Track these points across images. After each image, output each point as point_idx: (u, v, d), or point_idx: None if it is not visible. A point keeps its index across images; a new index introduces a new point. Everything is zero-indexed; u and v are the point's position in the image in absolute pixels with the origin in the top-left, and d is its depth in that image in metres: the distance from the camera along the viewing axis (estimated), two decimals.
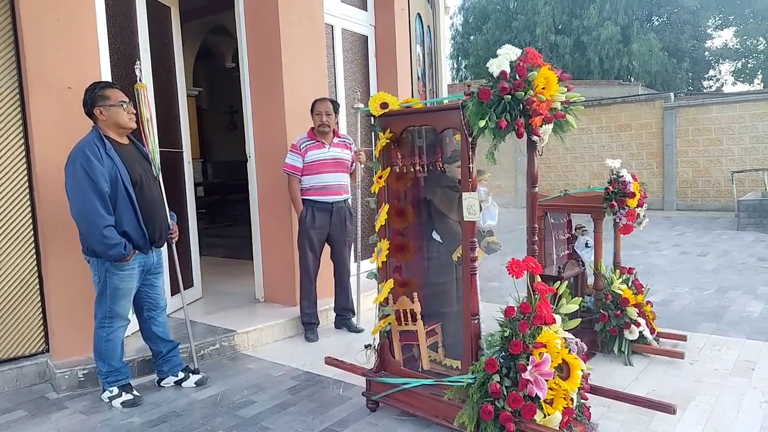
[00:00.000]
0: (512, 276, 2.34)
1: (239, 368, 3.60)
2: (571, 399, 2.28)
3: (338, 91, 5.11)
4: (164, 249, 3.41)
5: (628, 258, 5.94)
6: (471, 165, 2.38)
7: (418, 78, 6.30)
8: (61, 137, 3.17)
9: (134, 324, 3.40)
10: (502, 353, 2.32)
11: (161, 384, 3.31)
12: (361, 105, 4.11)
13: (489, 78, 2.28)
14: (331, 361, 3.17)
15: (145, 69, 3.93)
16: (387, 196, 2.83)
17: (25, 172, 3.41)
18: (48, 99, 3.27)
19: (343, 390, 3.16)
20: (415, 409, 2.67)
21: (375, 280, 2.91)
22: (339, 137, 4.17)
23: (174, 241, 3.34)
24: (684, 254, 6.92)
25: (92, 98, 2.93)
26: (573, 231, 3.84)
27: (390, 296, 2.81)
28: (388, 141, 2.75)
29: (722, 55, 23.85)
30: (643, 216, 3.56)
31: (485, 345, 2.42)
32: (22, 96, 3.33)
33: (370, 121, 2.83)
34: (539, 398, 2.21)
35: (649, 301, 3.61)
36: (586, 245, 3.73)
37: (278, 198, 4.41)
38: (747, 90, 20.93)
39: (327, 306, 4.38)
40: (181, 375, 3.32)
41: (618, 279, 3.55)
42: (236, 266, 6.19)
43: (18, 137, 3.37)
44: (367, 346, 3.02)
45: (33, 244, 3.45)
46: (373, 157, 2.85)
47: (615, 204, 3.41)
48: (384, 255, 2.80)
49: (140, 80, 3.26)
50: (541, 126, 2.26)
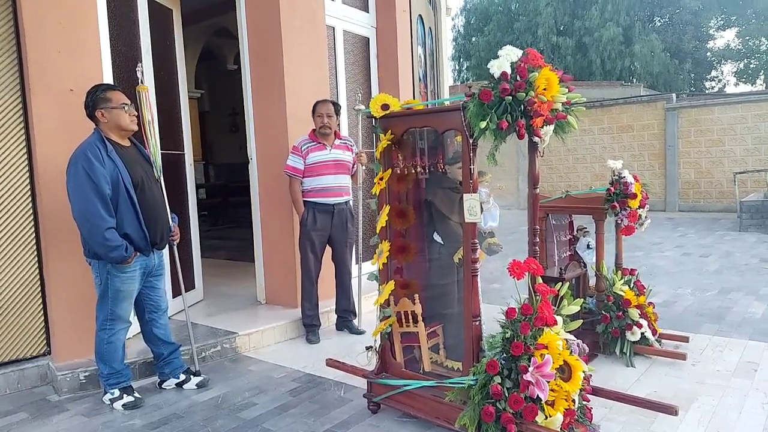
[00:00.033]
0: (513, 277, 2.33)
1: (240, 370, 3.60)
2: (573, 400, 2.28)
3: (339, 93, 5.11)
4: (166, 251, 3.41)
5: (630, 259, 5.93)
6: (472, 166, 2.38)
7: (420, 79, 6.30)
8: (63, 139, 3.19)
9: (135, 326, 3.40)
10: (504, 355, 2.32)
11: (162, 386, 3.31)
12: (362, 106, 4.11)
13: (490, 79, 2.29)
14: (333, 363, 3.17)
15: (147, 71, 3.93)
16: (388, 198, 2.83)
17: (27, 174, 3.41)
18: (50, 101, 3.28)
19: (345, 392, 3.16)
20: (417, 411, 2.66)
21: (376, 282, 2.91)
22: (340, 139, 4.17)
23: (175, 243, 3.34)
24: (686, 255, 6.91)
25: (94, 100, 2.94)
26: (575, 232, 3.83)
27: (391, 298, 2.81)
28: (389, 142, 2.75)
29: (724, 56, 23.80)
30: (645, 217, 3.56)
31: (486, 346, 2.42)
32: (24, 98, 3.34)
33: (372, 123, 2.83)
34: (541, 400, 2.21)
35: (651, 303, 3.60)
36: (588, 246, 3.72)
37: (279, 200, 4.41)
38: (749, 90, 20.90)
39: (328, 308, 4.38)
40: (183, 377, 3.32)
41: (620, 280, 3.54)
42: (238, 268, 6.20)
43: (20, 139, 3.38)
44: (369, 348, 3.02)
45: (35, 246, 3.45)
46: (374, 159, 2.85)
47: (617, 205, 3.40)
48: (385, 256, 2.80)
49: (142, 82, 3.27)
50: (542, 127, 2.26)
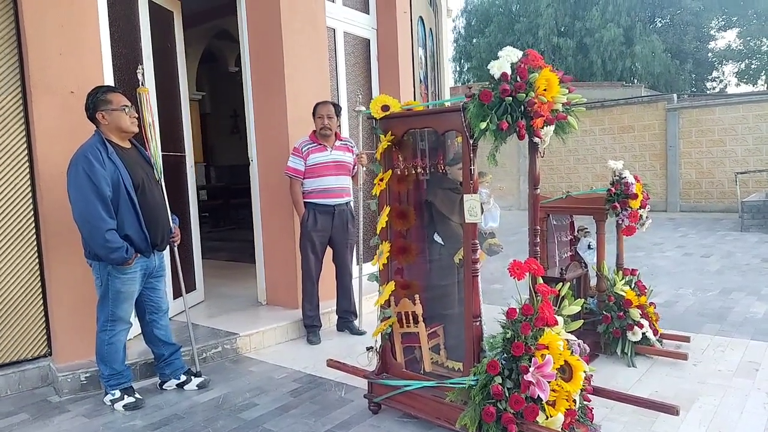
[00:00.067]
0: (514, 278, 2.33)
1: (241, 371, 3.60)
2: (574, 400, 2.27)
3: (340, 94, 5.11)
4: (166, 252, 3.42)
5: (632, 259, 5.93)
6: (472, 167, 2.38)
7: (420, 81, 6.30)
8: (64, 141, 3.19)
9: (136, 327, 3.41)
10: (504, 355, 2.32)
11: (163, 387, 3.32)
12: (363, 108, 4.11)
13: (490, 80, 2.29)
14: (333, 364, 3.17)
15: (148, 73, 3.94)
16: (388, 199, 2.83)
17: (28, 176, 3.42)
18: (50, 102, 3.28)
19: (345, 392, 3.16)
20: (417, 411, 2.66)
21: (376, 283, 2.91)
22: (341, 140, 4.17)
23: (176, 245, 3.35)
24: (687, 255, 6.90)
25: (94, 102, 2.94)
26: (575, 233, 3.83)
27: (391, 298, 2.81)
28: (390, 143, 2.75)
29: (725, 56, 23.80)
30: (646, 217, 3.56)
31: (487, 347, 2.42)
32: (25, 99, 3.35)
33: (372, 124, 2.83)
34: (541, 400, 2.21)
35: (652, 303, 3.60)
36: (589, 247, 3.71)
37: (280, 201, 4.41)
38: (750, 91, 20.90)
39: (329, 309, 4.38)
40: (183, 378, 3.32)
41: (621, 280, 3.54)
42: (239, 269, 6.20)
43: (20, 141, 3.39)
44: (369, 349, 3.01)
45: (35, 248, 3.46)
46: (375, 160, 2.85)
47: (618, 205, 3.40)
48: (385, 257, 2.80)
49: (142, 84, 3.28)
50: (543, 128, 2.26)
